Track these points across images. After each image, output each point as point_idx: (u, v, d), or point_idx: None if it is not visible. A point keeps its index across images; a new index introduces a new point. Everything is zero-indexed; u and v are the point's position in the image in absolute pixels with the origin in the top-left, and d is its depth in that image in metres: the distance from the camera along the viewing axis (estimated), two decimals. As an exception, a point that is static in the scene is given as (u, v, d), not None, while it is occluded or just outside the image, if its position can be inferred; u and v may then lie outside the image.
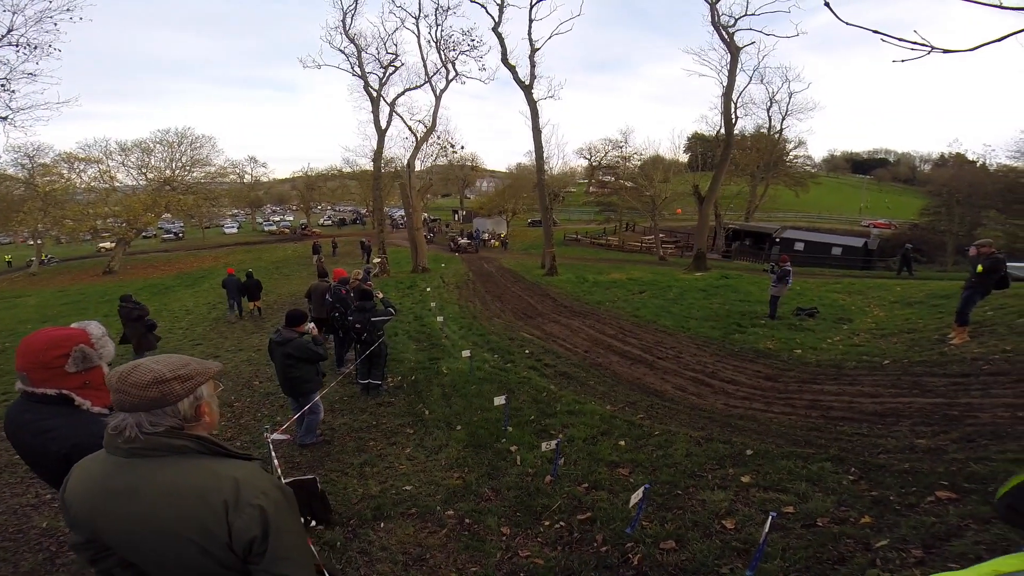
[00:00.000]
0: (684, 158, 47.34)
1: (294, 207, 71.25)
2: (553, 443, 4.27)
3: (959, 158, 54.29)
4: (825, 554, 2.88)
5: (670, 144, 49.49)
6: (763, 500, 3.57)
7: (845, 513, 3.28)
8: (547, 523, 3.62)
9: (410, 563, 3.28)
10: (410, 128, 25.76)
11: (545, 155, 24.55)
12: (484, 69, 35.34)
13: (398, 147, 48.25)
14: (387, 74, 24.63)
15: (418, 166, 27.81)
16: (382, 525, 3.75)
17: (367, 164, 30.94)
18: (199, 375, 1.36)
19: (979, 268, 7.25)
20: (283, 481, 3.74)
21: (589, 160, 50.04)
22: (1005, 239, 28.20)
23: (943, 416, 5.01)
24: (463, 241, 36.26)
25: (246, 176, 58.46)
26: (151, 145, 35.06)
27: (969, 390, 5.59)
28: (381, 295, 7.37)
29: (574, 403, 6.13)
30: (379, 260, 23.66)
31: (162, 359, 1.35)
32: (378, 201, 26.61)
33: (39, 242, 36.09)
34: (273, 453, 3.77)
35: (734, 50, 22.31)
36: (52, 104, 19.69)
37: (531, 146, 23.96)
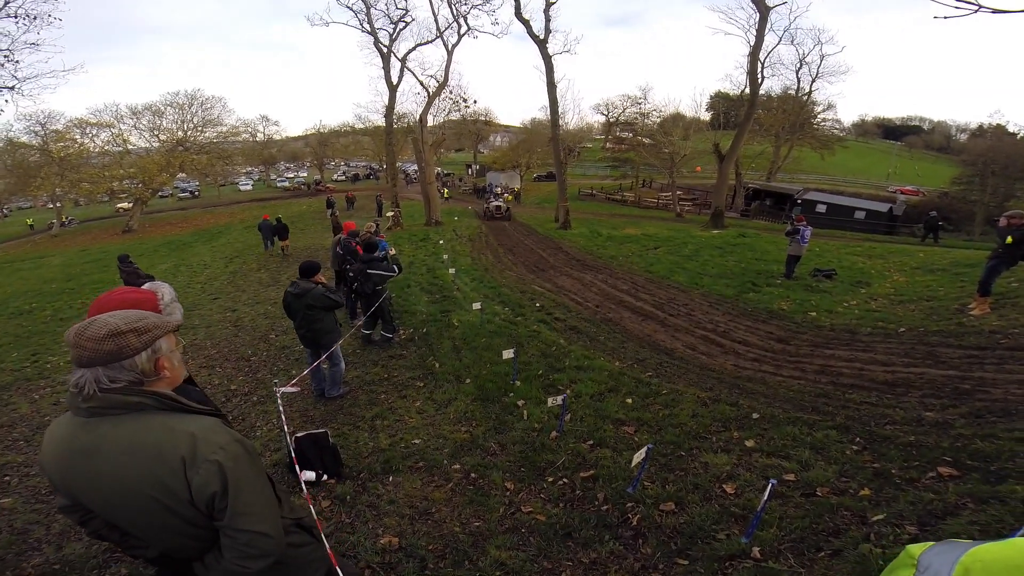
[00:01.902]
0: (706, 116, 45.72)
1: (308, 163, 71.15)
2: (559, 399, 4.30)
3: (999, 129, 51.82)
4: (821, 525, 2.89)
5: (691, 102, 47.88)
6: (765, 466, 3.59)
7: (845, 484, 3.27)
8: (550, 479, 3.68)
9: (416, 517, 3.37)
10: (422, 83, 25.33)
11: (560, 110, 24.04)
12: (497, 23, 33.87)
13: (410, 102, 47.49)
14: (397, 30, 24.16)
15: (431, 121, 27.31)
16: (390, 479, 3.86)
17: (379, 120, 30.48)
18: (156, 328, 1.34)
19: (1009, 239, 6.99)
20: (296, 434, 3.86)
21: (606, 116, 48.50)
22: (1038, 214, 27.17)
23: (954, 389, 4.93)
24: (495, 204, 26.91)
25: (258, 134, 58.64)
26: (162, 108, 35.52)
27: (984, 364, 5.48)
28: (393, 251, 7.39)
29: (583, 358, 6.14)
30: (392, 214, 23.76)
31: (119, 313, 1.33)
32: (391, 156, 26.57)
33: (58, 205, 37.02)
34: (281, 407, 3.86)
35: (763, 9, 21.34)
36: (58, 72, 19.55)
37: (546, 101, 23.32)
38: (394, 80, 24.74)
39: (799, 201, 29.77)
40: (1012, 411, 4.20)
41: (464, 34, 24.54)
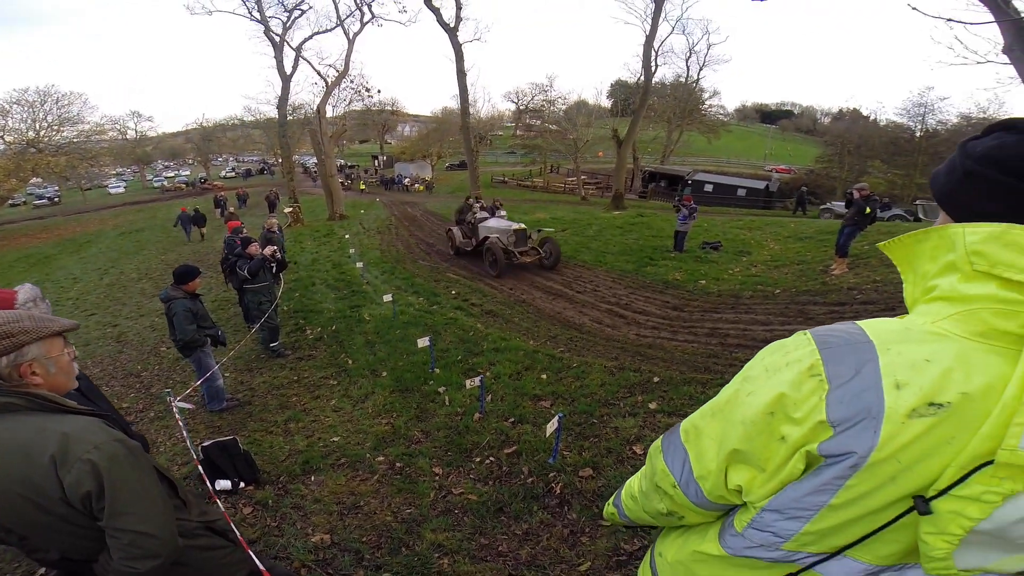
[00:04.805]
0: (607, 103, 47.92)
1: (190, 161, 64.99)
2: (477, 380, 4.42)
3: (854, 113, 58.67)
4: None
5: (593, 90, 49.97)
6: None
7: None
8: (478, 459, 3.80)
9: (345, 512, 3.35)
10: (319, 73, 23.74)
11: (471, 98, 23.94)
12: (405, 11, 32.10)
13: (306, 93, 44.77)
14: (292, 18, 22.39)
15: (330, 112, 25.96)
16: (312, 478, 3.78)
17: (271, 112, 28.36)
18: (25, 333, 1.29)
19: (867, 210, 8.14)
20: (202, 444, 3.66)
21: (516, 104, 49.19)
22: (886, 186, 31.58)
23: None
24: (509, 226, 11.12)
25: (129, 132, 52.60)
26: (6, 107, 30.38)
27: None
28: (274, 249, 6.96)
29: (500, 340, 6.33)
30: (291, 210, 22.30)
31: None
32: (286, 149, 24.90)
33: None
34: (179, 419, 3.65)
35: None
36: None
37: (456, 89, 23.11)
38: (288, 70, 23.04)
39: (689, 182, 32.10)
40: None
41: (367, 22, 23.38)
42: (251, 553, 1.77)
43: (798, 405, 0.72)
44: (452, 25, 21.76)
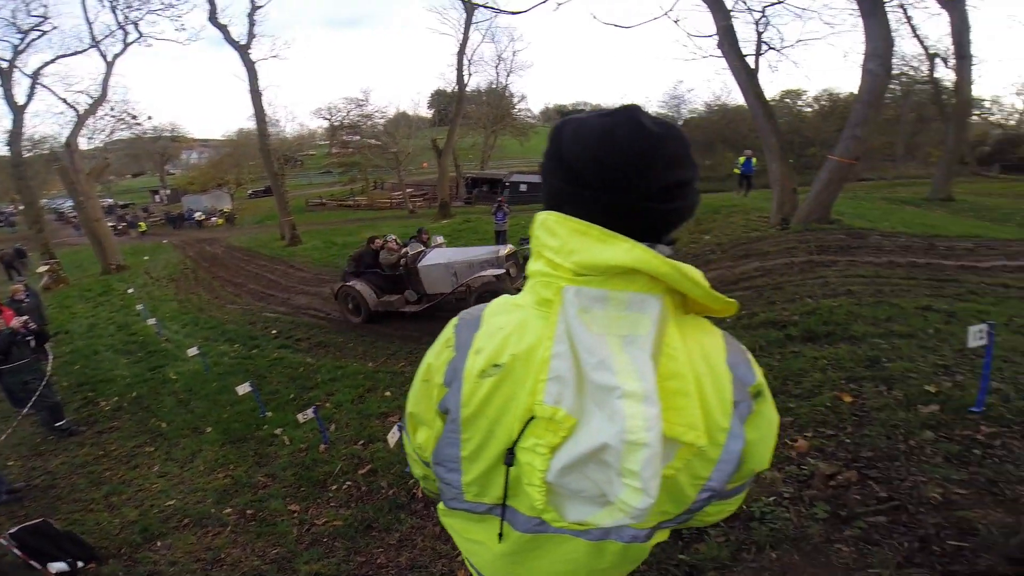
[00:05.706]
0: (427, 114, 48.12)
1: None
2: (310, 412, 4.36)
3: None
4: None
5: (411, 101, 49.65)
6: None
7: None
8: (334, 487, 3.83)
9: (208, 567, 3.22)
10: (66, 101, 19.53)
11: (271, 118, 22.23)
12: (183, 29, 27.98)
13: (49, 125, 36.53)
14: (27, 40, 18.15)
15: (86, 144, 21.79)
16: (159, 544, 3.54)
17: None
18: None
19: None
20: (9, 531, 3.19)
21: (330, 120, 46.47)
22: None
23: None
24: (459, 257, 8.31)
25: None
26: None
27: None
28: (24, 319, 5.87)
29: (335, 369, 6.27)
30: (47, 268, 17.84)
31: None
32: (27, 194, 19.82)
33: None
34: None
35: (470, 9, 23.32)
36: None
37: (252, 110, 21.17)
38: (20, 100, 18.45)
39: (507, 184, 34.37)
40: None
41: (132, 42, 20.08)
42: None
43: (437, 371, 0.83)
44: (244, 43, 20.12)
